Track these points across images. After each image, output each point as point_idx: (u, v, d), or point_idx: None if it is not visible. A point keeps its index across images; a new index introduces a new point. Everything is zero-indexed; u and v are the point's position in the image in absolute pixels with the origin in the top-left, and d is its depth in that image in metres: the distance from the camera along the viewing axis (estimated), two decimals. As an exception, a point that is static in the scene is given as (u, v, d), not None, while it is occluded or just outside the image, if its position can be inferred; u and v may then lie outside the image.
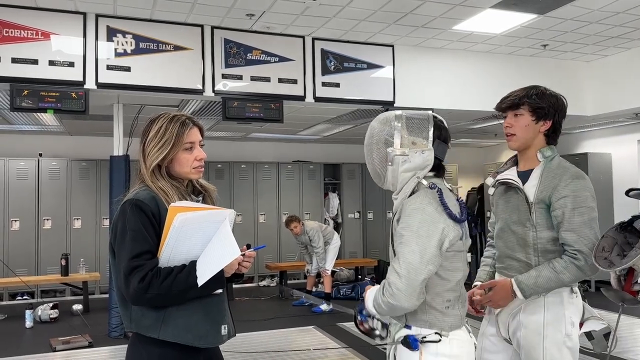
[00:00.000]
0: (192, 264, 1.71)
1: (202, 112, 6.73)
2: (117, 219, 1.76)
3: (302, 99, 6.01)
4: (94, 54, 5.25)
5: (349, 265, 9.33)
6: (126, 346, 1.86)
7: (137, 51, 5.39)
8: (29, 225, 8.17)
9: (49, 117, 6.94)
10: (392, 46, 6.40)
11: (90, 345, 5.46)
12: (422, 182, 1.82)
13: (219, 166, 9.27)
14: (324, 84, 6.08)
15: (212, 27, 5.67)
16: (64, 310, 6.94)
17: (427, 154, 1.82)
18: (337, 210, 10.09)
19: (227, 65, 5.72)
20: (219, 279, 1.72)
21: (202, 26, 5.63)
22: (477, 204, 9.51)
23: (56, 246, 8.10)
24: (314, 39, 6.07)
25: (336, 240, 7.46)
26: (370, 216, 10.29)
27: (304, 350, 5.23)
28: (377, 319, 1.90)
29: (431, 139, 1.82)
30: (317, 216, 9.81)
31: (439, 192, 1.78)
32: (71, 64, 5.17)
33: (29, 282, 7.46)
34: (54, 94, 5.05)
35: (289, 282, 8.69)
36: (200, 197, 1.93)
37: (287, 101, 5.95)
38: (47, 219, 8.27)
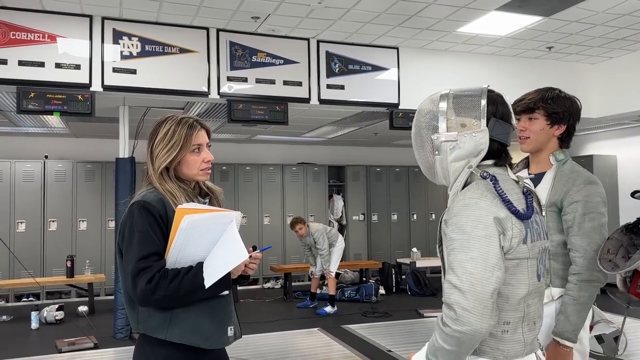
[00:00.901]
0: (199, 265, 1.72)
1: (208, 114, 6.75)
2: (124, 220, 1.77)
3: (307, 101, 6.02)
4: (100, 56, 5.28)
5: (353, 267, 9.32)
6: (131, 348, 1.87)
7: (143, 54, 5.41)
8: (34, 227, 8.21)
9: (54, 120, 6.97)
10: (396, 48, 6.40)
11: (95, 346, 5.47)
12: (475, 172, 1.49)
13: (224, 168, 9.29)
14: (328, 86, 6.09)
15: (218, 30, 5.69)
16: (70, 311, 6.97)
17: (479, 137, 1.48)
18: (342, 212, 10.09)
19: (233, 67, 5.74)
20: (226, 281, 1.73)
21: (207, 29, 5.65)
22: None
23: (62, 248, 8.13)
24: (318, 42, 6.08)
25: (340, 242, 7.46)
26: (374, 218, 10.29)
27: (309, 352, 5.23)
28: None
29: (484, 117, 1.49)
30: (322, 218, 9.81)
31: (493, 181, 1.44)
32: (77, 67, 5.20)
33: (35, 284, 7.50)
34: (60, 97, 5.07)
35: (293, 284, 8.69)
36: (207, 199, 1.94)
37: (292, 103, 5.96)
38: (53, 221, 8.31)
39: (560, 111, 2.16)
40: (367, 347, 5.38)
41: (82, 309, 7.08)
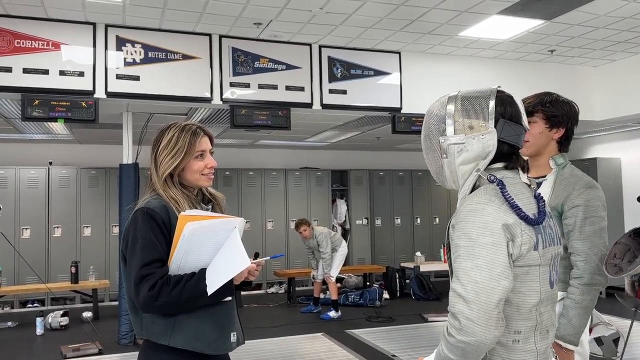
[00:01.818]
0: (202, 272, 1.73)
1: (211, 120, 6.77)
2: (128, 227, 1.79)
3: (309, 106, 6.04)
4: (104, 63, 5.31)
5: (357, 271, 9.32)
6: (136, 353, 1.88)
7: (146, 60, 5.44)
8: (39, 233, 8.24)
9: (59, 126, 7.01)
10: (398, 53, 6.42)
11: (100, 352, 5.48)
12: (482, 176, 1.44)
13: (227, 173, 9.31)
14: (331, 91, 6.11)
15: (220, 36, 5.72)
16: (74, 317, 6.98)
17: (487, 138, 1.43)
18: (345, 216, 10.09)
19: (235, 73, 5.77)
20: (228, 287, 1.74)
21: (210, 35, 5.68)
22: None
23: (66, 254, 8.15)
24: (320, 47, 6.11)
25: (344, 247, 7.46)
26: (378, 222, 10.28)
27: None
28: None
29: (492, 118, 1.44)
30: (325, 223, 9.80)
31: (500, 185, 1.39)
32: (81, 74, 5.24)
33: (40, 290, 7.52)
34: (64, 104, 5.11)
35: (297, 288, 8.69)
36: (209, 206, 1.95)
37: (295, 108, 5.98)
38: (57, 227, 8.34)
39: (559, 114, 2.18)
40: (371, 352, 5.37)
41: (87, 314, 7.09)
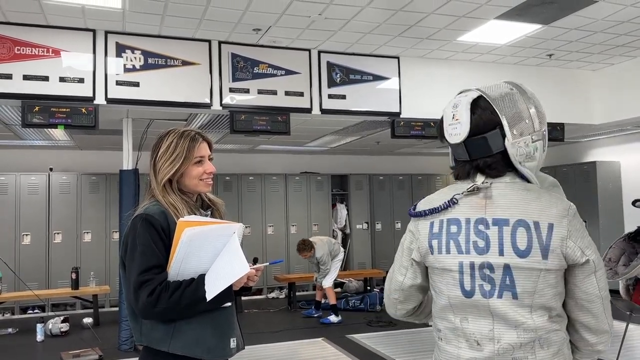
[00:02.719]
0: (200, 277, 1.73)
1: (210, 126, 6.79)
2: (127, 233, 1.80)
3: (308, 111, 6.05)
4: (104, 69, 5.33)
5: (357, 276, 9.31)
6: (136, 359, 1.88)
7: (145, 67, 5.47)
8: (39, 239, 8.25)
9: (59, 132, 7.03)
10: (397, 58, 6.44)
11: (100, 358, 5.48)
12: None
13: (227, 178, 9.33)
14: (330, 96, 6.12)
15: (220, 42, 5.75)
16: (75, 323, 6.98)
17: None
18: (345, 221, 10.09)
19: (235, 79, 5.79)
20: (228, 293, 1.74)
21: (209, 41, 5.70)
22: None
23: (66, 260, 8.16)
24: (319, 52, 6.13)
25: (341, 255, 7.48)
26: (378, 227, 10.28)
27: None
28: None
29: None
30: (325, 227, 9.81)
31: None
32: (81, 80, 5.25)
33: (40, 296, 7.52)
34: (64, 110, 5.13)
35: (297, 293, 8.68)
36: (209, 212, 1.96)
37: (294, 113, 6.00)
38: (58, 233, 8.35)
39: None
40: (371, 357, 5.37)
41: (87, 320, 7.09)
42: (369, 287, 9.07)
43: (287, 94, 5.96)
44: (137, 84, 5.42)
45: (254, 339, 5.87)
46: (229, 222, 1.80)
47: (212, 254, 1.75)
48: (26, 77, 5.09)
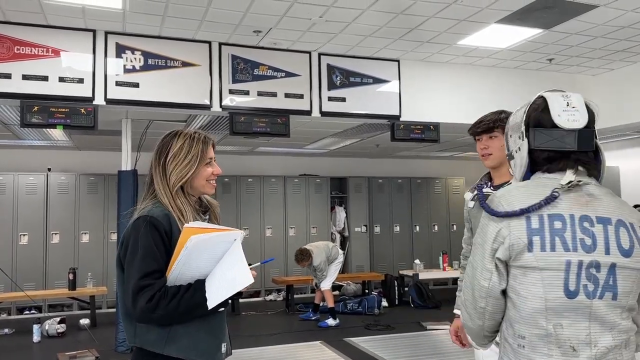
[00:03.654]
0: (198, 283, 1.72)
1: (210, 127, 6.78)
2: (128, 234, 1.77)
3: (308, 113, 6.05)
4: (103, 70, 5.32)
5: (356, 279, 9.29)
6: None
7: (145, 67, 5.45)
8: (37, 239, 8.22)
9: (58, 133, 7.01)
10: (397, 61, 6.44)
11: (97, 359, 5.46)
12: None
13: (226, 180, 9.31)
14: (330, 99, 6.12)
15: (220, 44, 5.74)
16: (72, 324, 6.95)
17: (522, 150, 1.50)
18: (344, 224, 10.07)
19: (235, 80, 5.78)
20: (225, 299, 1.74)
21: (209, 42, 5.70)
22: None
23: (64, 260, 8.13)
24: (320, 55, 6.12)
25: (341, 258, 7.45)
26: (377, 230, 10.27)
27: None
28: None
29: (522, 130, 1.50)
30: (324, 230, 9.80)
31: (479, 196, 1.53)
32: (80, 80, 5.24)
33: (37, 297, 7.50)
34: (63, 110, 5.11)
35: (295, 296, 8.66)
36: (207, 216, 1.96)
37: (294, 115, 5.99)
38: (55, 233, 8.32)
39: None
40: (369, 360, 5.35)
41: (84, 321, 7.07)
42: (367, 290, 9.05)
43: (287, 96, 5.95)
44: (136, 85, 5.41)
45: (251, 341, 5.85)
46: (230, 228, 1.79)
47: (211, 259, 1.73)
48: (25, 77, 5.07)
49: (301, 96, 6.01)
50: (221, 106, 5.73)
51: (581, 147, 1.42)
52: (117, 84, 5.35)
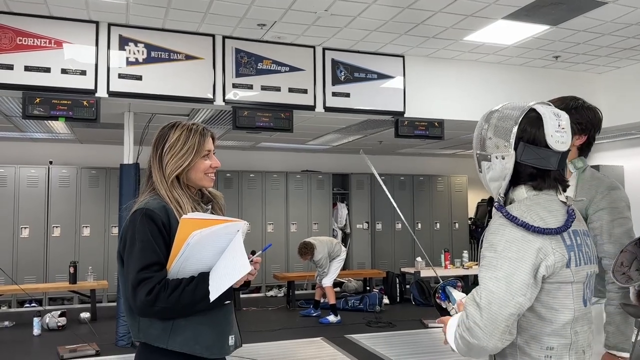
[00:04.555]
0: (201, 276, 1.69)
1: (213, 121, 6.74)
2: (126, 227, 1.75)
3: (312, 108, 6.00)
4: (106, 62, 5.28)
5: (357, 276, 9.27)
6: (133, 355, 1.84)
7: (148, 60, 5.41)
8: (38, 232, 8.20)
9: (60, 125, 6.98)
10: (402, 56, 6.39)
11: (97, 354, 5.43)
12: (519, 193, 1.49)
13: (228, 175, 9.28)
14: (334, 94, 6.07)
15: (224, 37, 5.70)
16: (72, 318, 6.94)
17: (506, 161, 1.47)
18: (346, 220, 10.04)
19: (238, 74, 5.74)
20: (227, 291, 1.71)
21: (213, 36, 5.65)
22: (487, 215, 9.43)
23: (65, 254, 8.11)
24: (324, 49, 6.08)
25: (343, 255, 7.42)
26: (379, 227, 10.24)
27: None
28: (454, 308, 1.67)
29: (513, 141, 1.45)
30: (325, 226, 9.77)
31: (504, 213, 1.42)
32: (83, 73, 5.20)
33: (37, 290, 7.48)
34: (65, 102, 5.07)
35: (296, 292, 8.64)
36: (209, 206, 1.92)
37: (297, 111, 5.95)
38: (57, 227, 8.30)
39: (582, 122, 2.18)
40: (370, 358, 5.32)
41: (85, 315, 7.05)
42: (368, 287, 9.02)
43: (290, 90, 5.91)
44: (139, 78, 5.37)
45: (252, 337, 5.82)
46: (232, 219, 1.75)
47: (214, 252, 1.70)
48: (28, 68, 5.03)
49: (305, 91, 5.97)
50: (224, 100, 5.69)
51: (559, 167, 1.50)
52: (120, 76, 5.31)
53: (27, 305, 8.04)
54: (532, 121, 1.46)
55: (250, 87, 5.77)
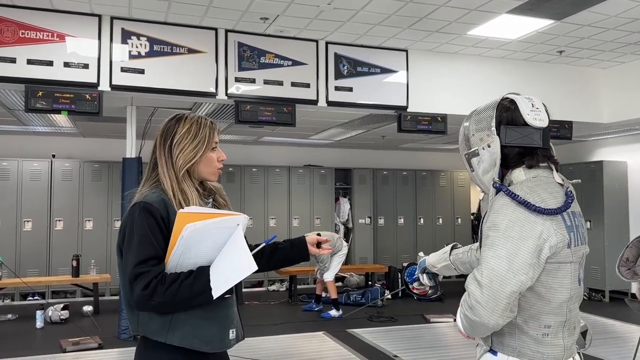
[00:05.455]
0: (199, 270, 1.67)
1: (215, 115, 6.73)
2: (125, 221, 1.73)
3: (314, 102, 5.99)
4: (109, 56, 5.27)
5: (359, 270, 9.27)
6: (135, 349, 1.84)
7: (151, 54, 5.40)
8: (41, 226, 8.22)
9: (62, 119, 6.98)
10: (406, 51, 6.36)
11: (100, 347, 5.46)
12: (517, 175, 1.55)
13: (230, 169, 9.28)
14: (337, 88, 6.05)
15: (226, 31, 5.68)
16: (75, 311, 6.96)
17: (493, 147, 1.55)
18: (348, 215, 10.04)
19: (241, 68, 5.72)
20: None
21: (216, 29, 5.63)
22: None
23: (67, 247, 8.13)
24: (327, 43, 6.05)
25: (344, 250, 7.41)
26: (381, 222, 10.23)
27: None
28: (425, 272, 1.78)
29: (494, 127, 1.56)
30: (328, 221, 9.77)
31: (506, 191, 1.47)
32: (86, 66, 5.19)
33: (40, 283, 7.51)
34: (68, 96, 5.07)
35: (298, 286, 8.65)
36: (210, 199, 1.91)
37: (300, 105, 5.93)
38: (59, 220, 8.32)
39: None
40: (372, 352, 5.33)
41: (87, 308, 7.08)
42: (370, 282, 9.03)
43: (293, 84, 5.89)
44: (142, 71, 5.36)
45: (254, 331, 5.83)
46: (232, 213, 1.73)
47: (213, 246, 1.68)
48: (30, 62, 5.03)
49: (308, 85, 5.95)
50: (227, 94, 5.67)
51: (545, 145, 1.56)
52: (123, 70, 5.30)
53: (30, 298, 8.07)
54: (506, 106, 1.59)
55: (252, 81, 5.76)
